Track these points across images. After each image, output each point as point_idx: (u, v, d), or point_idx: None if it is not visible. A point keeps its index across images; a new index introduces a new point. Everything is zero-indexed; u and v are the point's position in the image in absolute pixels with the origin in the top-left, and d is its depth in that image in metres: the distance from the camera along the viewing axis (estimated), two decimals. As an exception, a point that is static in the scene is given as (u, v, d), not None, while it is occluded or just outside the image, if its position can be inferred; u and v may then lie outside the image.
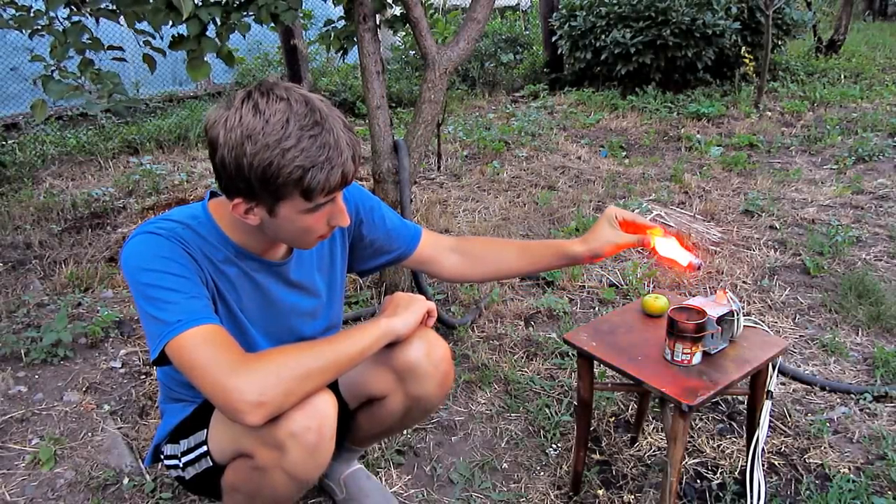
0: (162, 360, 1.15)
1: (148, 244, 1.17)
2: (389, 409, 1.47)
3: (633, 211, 3.65)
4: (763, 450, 1.80)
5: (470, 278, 1.60)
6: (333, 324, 1.52)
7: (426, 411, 1.50)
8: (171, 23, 2.19)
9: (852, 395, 2.13)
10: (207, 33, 2.29)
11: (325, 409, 1.19)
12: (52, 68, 2.23)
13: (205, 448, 1.32)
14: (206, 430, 1.33)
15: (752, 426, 1.66)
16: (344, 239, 1.48)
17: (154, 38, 2.41)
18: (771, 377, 1.64)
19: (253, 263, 1.31)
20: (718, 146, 4.98)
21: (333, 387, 1.43)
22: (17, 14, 2.25)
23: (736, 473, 1.82)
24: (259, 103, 1.09)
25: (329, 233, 1.25)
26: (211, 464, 1.32)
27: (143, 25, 2.28)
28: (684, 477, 1.81)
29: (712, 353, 1.49)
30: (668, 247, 1.40)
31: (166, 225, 1.21)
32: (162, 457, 1.44)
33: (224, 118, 1.10)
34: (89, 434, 2.06)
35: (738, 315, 1.52)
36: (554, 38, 7.35)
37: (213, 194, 1.29)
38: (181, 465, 1.37)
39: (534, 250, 1.53)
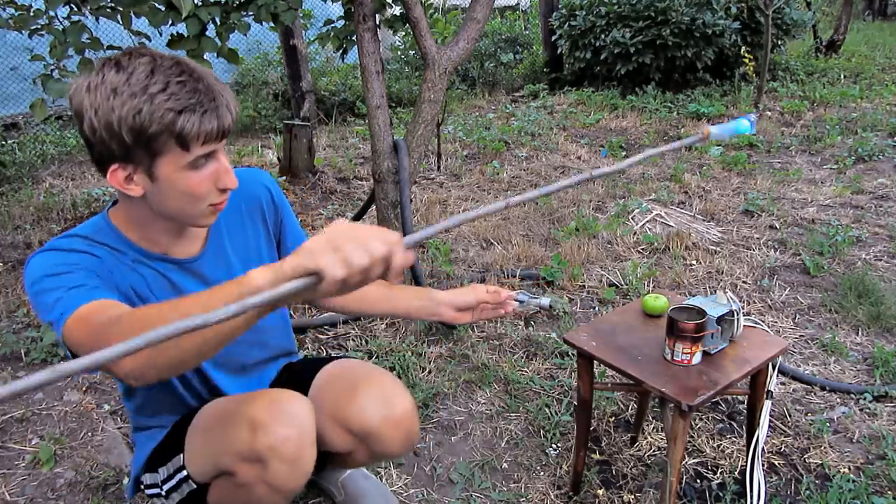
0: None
1: (39, 261, 1.11)
2: (355, 459, 1.45)
3: (632, 211, 3.66)
4: (763, 450, 1.80)
5: (331, 308, 1.59)
6: (275, 327, 1.47)
7: (393, 458, 1.46)
8: (170, 22, 2.19)
9: (852, 395, 2.13)
10: (207, 33, 2.29)
11: (303, 416, 1.16)
12: (52, 67, 2.23)
13: (185, 473, 1.29)
14: (181, 455, 1.30)
15: (752, 426, 1.66)
16: (269, 234, 1.42)
17: (150, 39, 2.41)
18: (771, 377, 1.64)
19: (164, 264, 1.25)
20: (718, 146, 4.98)
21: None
22: (16, 13, 2.25)
23: (736, 473, 1.82)
24: (121, 61, 1.04)
25: (222, 200, 1.16)
26: (194, 486, 1.30)
27: (141, 25, 2.28)
28: (684, 477, 1.81)
29: (712, 353, 1.49)
30: (521, 303, 1.44)
31: (62, 242, 1.15)
32: (142, 487, 1.41)
33: (86, 84, 1.05)
34: (89, 434, 2.06)
35: (738, 315, 1.52)
36: (554, 38, 7.34)
37: (113, 204, 1.25)
38: (164, 493, 1.35)
39: (402, 291, 1.52)
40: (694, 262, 3.13)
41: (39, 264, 1.12)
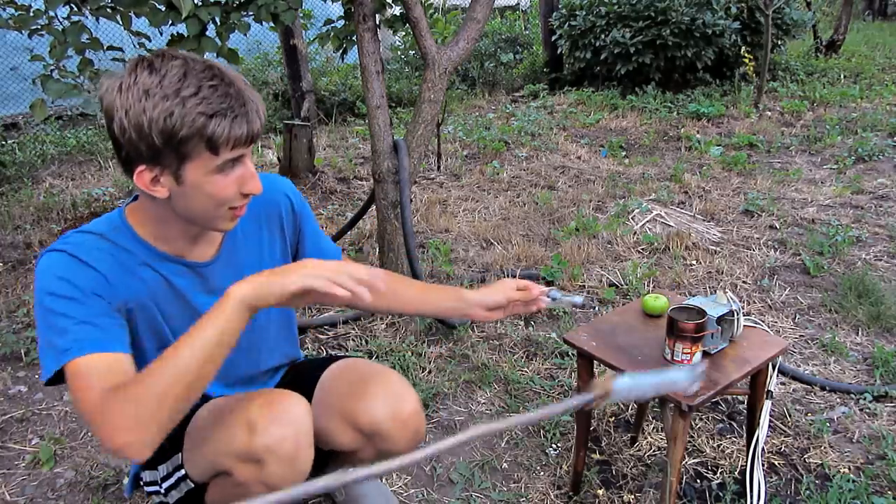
0: (52, 381, 1.10)
1: (50, 264, 1.11)
2: (360, 458, 1.46)
3: (632, 211, 3.66)
4: (763, 450, 1.80)
5: (362, 307, 1.53)
6: (280, 336, 1.46)
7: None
8: (170, 22, 2.19)
9: (852, 395, 2.13)
10: (207, 33, 2.30)
11: (299, 416, 1.16)
12: (52, 68, 2.23)
13: (183, 472, 1.29)
14: (180, 454, 1.30)
15: (752, 426, 1.66)
16: (285, 243, 1.41)
17: (150, 39, 2.41)
18: (771, 377, 1.64)
19: (173, 266, 1.22)
20: (718, 146, 4.98)
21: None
22: (16, 14, 2.25)
23: (736, 473, 1.82)
24: (154, 62, 1.05)
25: (243, 206, 1.16)
26: (193, 486, 1.30)
27: (141, 26, 2.28)
28: (684, 477, 1.81)
29: (712, 352, 1.49)
30: (553, 301, 1.44)
31: (75, 239, 1.15)
32: (142, 483, 1.40)
33: (118, 84, 1.05)
34: (89, 434, 2.05)
35: (738, 315, 1.51)
36: (554, 38, 7.35)
37: (133, 199, 1.24)
38: (163, 491, 1.35)
39: (434, 292, 1.52)
40: (694, 262, 3.13)
41: (51, 271, 1.11)
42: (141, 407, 1.00)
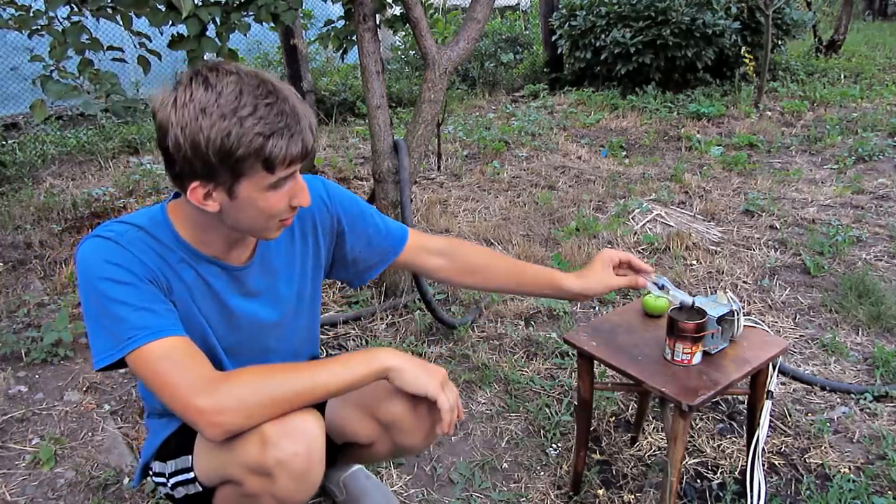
0: (106, 368, 1.12)
1: (97, 248, 1.12)
2: (375, 452, 1.47)
3: (633, 211, 3.66)
4: (763, 450, 1.80)
5: (453, 283, 1.57)
6: (305, 337, 1.47)
7: (413, 454, 1.51)
8: (170, 22, 2.19)
9: (852, 395, 2.13)
10: (207, 33, 2.30)
11: (312, 431, 1.15)
12: (52, 68, 2.23)
13: (192, 475, 1.30)
14: (191, 456, 1.30)
15: (753, 426, 1.66)
16: (318, 249, 1.41)
17: (150, 40, 2.41)
18: (771, 377, 1.64)
19: (211, 267, 1.24)
20: (718, 146, 4.97)
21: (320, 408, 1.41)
22: (16, 14, 2.25)
23: (736, 473, 1.82)
24: (209, 78, 1.04)
25: (291, 217, 1.19)
26: (200, 489, 1.30)
27: (141, 26, 2.28)
28: (684, 477, 1.81)
29: (712, 352, 1.49)
30: (660, 289, 1.46)
31: (118, 228, 1.16)
32: (151, 473, 1.41)
33: (173, 98, 1.04)
34: (89, 434, 2.06)
35: (738, 315, 1.51)
36: (554, 38, 7.34)
37: (175, 196, 1.24)
38: (169, 485, 1.35)
39: (527, 274, 1.51)
40: (694, 262, 3.13)
41: (99, 256, 1.11)
42: (253, 396, 1.09)
